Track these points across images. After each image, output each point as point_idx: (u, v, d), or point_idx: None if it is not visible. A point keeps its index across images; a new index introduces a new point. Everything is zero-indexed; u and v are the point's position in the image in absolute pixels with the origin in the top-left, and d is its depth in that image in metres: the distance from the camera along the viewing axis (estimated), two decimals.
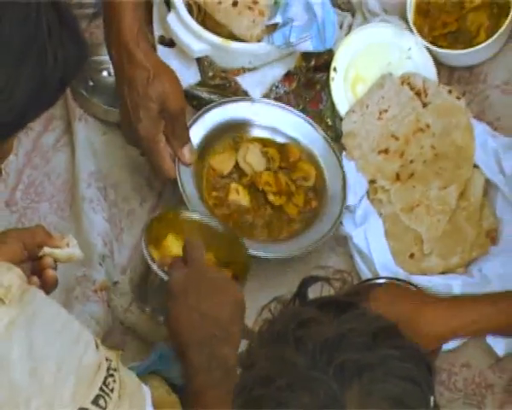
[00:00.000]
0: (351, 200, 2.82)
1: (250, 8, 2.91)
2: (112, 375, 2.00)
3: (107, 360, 1.99)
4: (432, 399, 1.66)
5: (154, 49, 2.95)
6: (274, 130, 2.95)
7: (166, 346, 2.54)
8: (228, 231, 2.75)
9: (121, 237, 2.82)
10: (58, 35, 1.95)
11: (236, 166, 2.90)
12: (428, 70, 2.93)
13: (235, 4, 2.90)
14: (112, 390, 2.00)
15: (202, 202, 2.85)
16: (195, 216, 2.75)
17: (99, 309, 2.68)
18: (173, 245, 2.68)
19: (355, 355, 1.64)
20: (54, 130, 2.93)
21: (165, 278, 2.49)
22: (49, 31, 1.92)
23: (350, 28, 2.97)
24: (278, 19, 2.89)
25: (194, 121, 2.86)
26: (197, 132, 2.85)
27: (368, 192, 2.84)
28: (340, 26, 2.97)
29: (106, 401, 1.97)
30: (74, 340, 1.97)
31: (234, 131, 2.93)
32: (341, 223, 2.82)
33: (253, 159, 2.91)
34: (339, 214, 2.82)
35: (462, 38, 3.01)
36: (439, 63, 2.95)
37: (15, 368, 1.93)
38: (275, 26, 2.91)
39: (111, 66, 2.94)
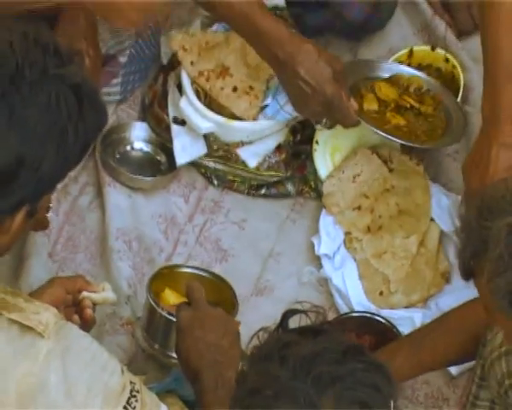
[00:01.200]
0: (330, 249, 2.83)
1: (247, 92, 2.91)
2: (134, 396, 2.01)
3: (131, 383, 2.01)
4: (392, 402, 1.74)
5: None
6: None
7: (180, 370, 2.52)
8: (217, 277, 2.74)
9: (143, 281, 2.78)
10: (77, 113, 1.94)
11: None
12: (393, 142, 2.94)
13: (234, 90, 2.90)
14: (134, 408, 2.01)
15: None
16: (187, 270, 2.75)
17: (125, 340, 2.70)
18: (170, 297, 2.70)
19: (329, 368, 1.70)
20: (88, 194, 2.95)
21: (170, 318, 2.54)
22: (69, 113, 1.92)
23: None
24: (269, 100, 2.93)
25: None
26: None
27: (344, 242, 2.86)
28: None
29: (134, 406, 2.01)
30: (102, 367, 1.98)
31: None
32: (323, 267, 2.83)
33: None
34: None
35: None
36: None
37: (53, 390, 1.93)
38: (266, 105, 2.95)
39: (134, 141, 3.01)
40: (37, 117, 1.90)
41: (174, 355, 2.54)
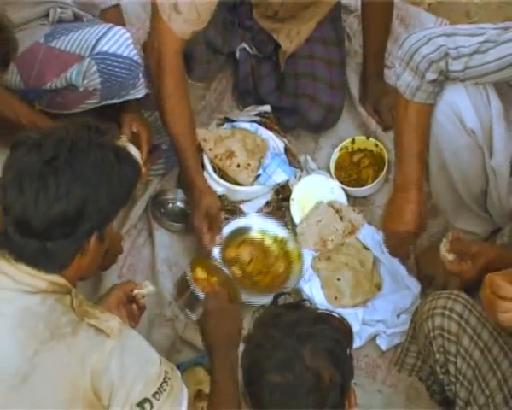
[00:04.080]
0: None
1: (246, 167, 2.90)
2: (166, 382, 1.98)
3: (165, 372, 1.98)
4: (348, 351, 1.84)
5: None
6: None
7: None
8: (228, 274, 2.70)
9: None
10: (118, 167, 1.94)
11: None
12: (342, 198, 2.98)
13: (238, 166, 2.89)
14: (164, 390, 1.98)
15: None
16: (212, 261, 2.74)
17: (168, 331, 2.74)
18: (200, 273, 2.66)
19: (306, 329, 1.80)
20: (143, 236, 2.96)
21: (200, 295, 2.52)
22: (111, 167, 1.93)
23: (300, 177, 2.99)
24: (261, 171, 2.95)
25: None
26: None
27: (311, 264, 2.88)
28: (295, 176, 2.98)
29: (159, 397, 1.96)
30: (146, 360, 1.97)
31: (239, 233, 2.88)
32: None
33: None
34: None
35: (359, 182, 3.05)
36: (348, 195, 2.99)
37: (112, 374, 1.91)
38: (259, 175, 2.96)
39: (174, 200, 2.98)
40: (91, 171, 1.90)
41: (193, 317, 2.56)
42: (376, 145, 3.05)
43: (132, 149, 2.12)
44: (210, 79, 3.23)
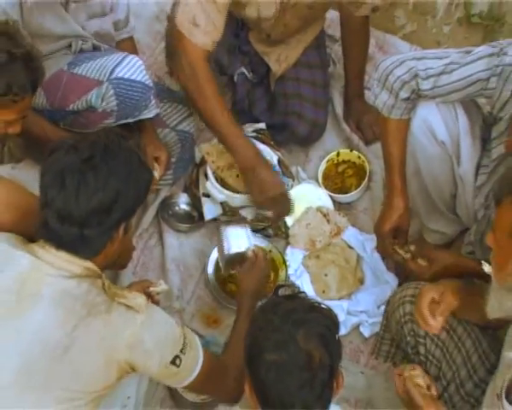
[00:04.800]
0: (293, 267, 2.85)
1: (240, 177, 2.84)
2: (185, 337, 2.07)
3: (185, 334, 2.07)
4: (337, 336, 1.86)
5: None
6: None
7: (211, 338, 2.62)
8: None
9: (186, 288, 2.84)
10: (139, 168, 2.01)
11: None
12: (329, 204, 2.97)
13: (237, 176, 2.82)
14: (186, 344, 2.06)
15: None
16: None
17: (176, 318, 2.51)
18: None
19: (301, 315, 1.83)
20: (154, 237, 2.96)
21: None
22: (136, 166, 1.99)
23: (292, 186, 2.96)
24: None
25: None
26: None
27: (302, 262, 2.87)
28: (288, 185, 2.92)
29: (185, 350, 2.05)
30: (170, 326, 2.06)
31: None
32: (289, 277, 2.83)
33: None
34: None
35: (344, 190, 3.04)
36: (334, 201, 2.98)
37: (147, 342, 1.98)
38: None
39: (180, 203, 2.98)
40: (121, 169, 1.96)
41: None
42: (359, 157, 3.05)
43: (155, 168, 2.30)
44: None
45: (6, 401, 1.92)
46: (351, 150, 3.09)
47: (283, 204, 2.76)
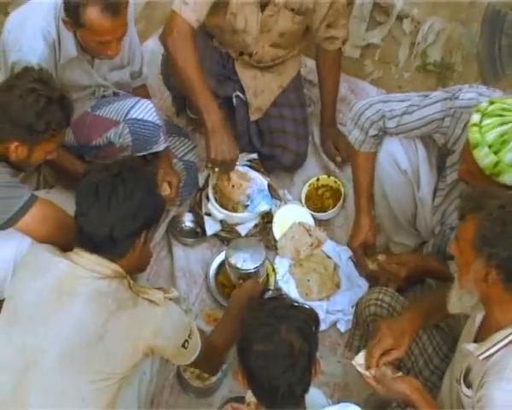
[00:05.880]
0: (282, 273, 2.83)
1: (238, 188, 2.85)
2: (191, 324, 2.11)
3: (191, 324, 2.11)
4: (314, 328, 1.85)
5: None
6: None
7: None
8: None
9: (191, 292, 2.82)
10: (152, 193, 2.03)
11: None
12: (311, 221, 2.96)
13: (233, 187, 2.84)
14: (192, 330, 2.10)
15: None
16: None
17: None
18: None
19: (283, 312, 1.83)
20: (164, 250, 2.93)
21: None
22: (148, 192, 2.01)
23: (280, 206, 2.97)
24: (249, 202, 2.92)
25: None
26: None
27: (288, 269, 2.86)
28: (276, 205, 2.96)
29: (191, 336, 2.10)
30: (182, 315, 2.10)
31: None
32: (278, 282, 2.79)
33: None
34: None
35: (323, 209, 3.01)
36: (315, 218, 2.97)
37: (167, 330, 2.03)
38: (247, 205, 2.91)
39: (186, 221, 2.96)
40: (145, 183, 2.02)
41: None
42: (335, 182, 3.06)
43: (166, 189, 2.41)
44: None
45: (51, 382, 1.97)
46: (328, 176, 3.10)
47: (230, 166, 2.71)
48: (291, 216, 2.98)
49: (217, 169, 2.70)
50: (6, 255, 2.27)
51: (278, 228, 2.96)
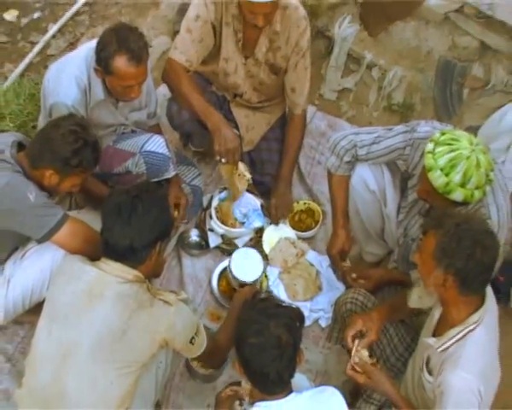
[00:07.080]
0: (272, 279, 2.83)
1: (243, 177, 2.75)
2: (199, 328, 2.11)
3: (198, 324, 2.11)
4: (298, 324, 1.86)
5: None
6: None
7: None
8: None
9: (197, 295, 2.80)
10: (164, 211, 2.04)
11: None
12: (293, 235, 2.92)
13: (239, 175, 2.73)
14: (198, 328, 2.09)
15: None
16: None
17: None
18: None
19: (272, 311, 1.86)
20: (174, 259, 2.91)
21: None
22: (161, 211, 2.01)
23: (270, 223, 2.93)
24: (245, 220, 2.91)
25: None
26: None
27: (278, 275, 2.86)
28: (267, 222, 2.94)
29: (198, 333, 2.11)
30: (191, 316, 2.10)
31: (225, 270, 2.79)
32: (269, 286, 2.79)
33: None
34: None
35: (304, 228, 2.98)
36: (298, 237, 2.94)
37: (178, 325, 2.03)
38: (244, 222, 2.91)
39: (193, 235, 2.91)
40: (159, 202, 2.03)
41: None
42: (304, 203, 3.04)
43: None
44: (206, 146, 3.03)
45: (84, 369, 2.00)
46: (297, 202, 3.05)
47: (235, 154, 2.64)
48: (279, 233, 2.98)
49: (223, 160, 2.64)
50: (44, 265, 2.33)
51: (267, 244, 2.97)
